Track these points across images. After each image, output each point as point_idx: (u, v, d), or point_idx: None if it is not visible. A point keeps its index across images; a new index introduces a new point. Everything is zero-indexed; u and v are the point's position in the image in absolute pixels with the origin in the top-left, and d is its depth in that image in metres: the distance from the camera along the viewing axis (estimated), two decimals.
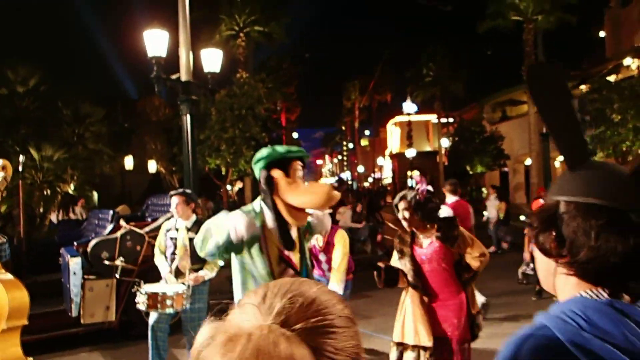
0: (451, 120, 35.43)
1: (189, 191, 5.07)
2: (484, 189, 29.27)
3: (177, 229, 4.86)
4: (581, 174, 1.00)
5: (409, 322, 3.52)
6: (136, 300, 4.54)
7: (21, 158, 7.11)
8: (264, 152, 2.83)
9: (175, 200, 4.85)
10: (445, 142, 30.97)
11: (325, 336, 0.66)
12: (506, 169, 28.05)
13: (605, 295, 0.93)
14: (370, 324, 6.52)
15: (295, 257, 2.90)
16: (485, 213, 13.55)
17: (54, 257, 6.73)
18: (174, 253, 4.82)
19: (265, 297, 0.69)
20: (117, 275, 5.19)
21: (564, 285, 1.00)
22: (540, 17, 20.62)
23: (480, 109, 31.28)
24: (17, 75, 15.87)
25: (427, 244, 3.53)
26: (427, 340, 3.43)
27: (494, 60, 27.86)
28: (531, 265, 8.59)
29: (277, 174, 2.76)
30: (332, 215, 4.97)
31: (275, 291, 0.70)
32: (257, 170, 2.83)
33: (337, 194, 2.77)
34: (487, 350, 4.68)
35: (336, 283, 4.49)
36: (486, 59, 28.78)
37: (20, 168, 7.32)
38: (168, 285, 4.65)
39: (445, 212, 6.94)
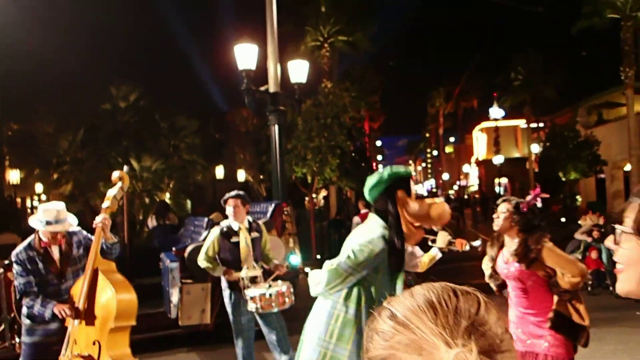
0: (541, 125, 33.86)
1: (242, 193, 5.18)
2: (578, 197, 27.60)
3: (236, 232, 4.90)
4: None
5: None
6: (249, 307, 4.61)
7: (125, 168, 7.61)
8: (384, 174, 2.89)
9: (232, 203, 4.92)
10: (536, 148, 29.64)
11: None
12: (603, 176, 26.36)
13: None
14: None
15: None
16: (580, 222, 12.71)
17: (155, 262, 7.14)
18: (233, 256, 4.87)
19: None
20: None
21: None
22: None
23: (573, 113, 29.66)
24: (119, 91, 17.10)
25: (508, 261, 3.33)
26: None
27: (589, 61, 26.32)
28: None
29: (401, 194, 2.86)
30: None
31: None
32: (377, 192, 2.89)
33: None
34: None
35: None
36: (580, 60, 27.24)
37: None
38: (268, 286, 4.70)
39: (356, 221, 6.99)
